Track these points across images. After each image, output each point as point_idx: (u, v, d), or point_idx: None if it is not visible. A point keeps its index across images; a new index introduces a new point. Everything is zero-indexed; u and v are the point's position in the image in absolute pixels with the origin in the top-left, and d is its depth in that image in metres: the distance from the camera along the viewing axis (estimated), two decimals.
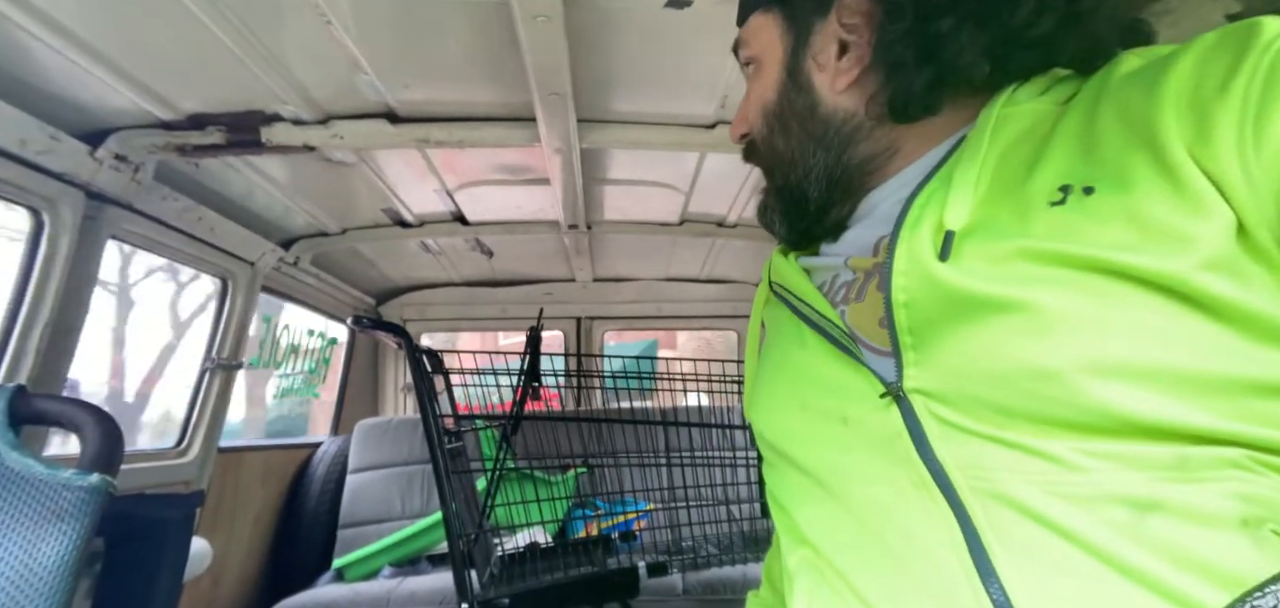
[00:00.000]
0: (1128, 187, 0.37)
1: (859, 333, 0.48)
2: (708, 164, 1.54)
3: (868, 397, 0.45)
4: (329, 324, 2.31)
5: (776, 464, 0.56)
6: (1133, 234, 0.36)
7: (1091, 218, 0.38)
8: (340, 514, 2.10)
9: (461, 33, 0.98)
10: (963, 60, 0.47)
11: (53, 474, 0.79)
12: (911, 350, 0.43)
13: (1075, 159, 0.40)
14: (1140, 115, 0.38)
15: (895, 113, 0.51)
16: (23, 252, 1.10)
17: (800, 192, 0.57)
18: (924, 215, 0.45)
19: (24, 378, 1.08)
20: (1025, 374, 0.37)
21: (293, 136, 1.20)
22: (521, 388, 1.44)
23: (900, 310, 0.43)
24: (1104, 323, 0.36)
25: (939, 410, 0.41)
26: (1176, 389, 0.35)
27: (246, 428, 3.51)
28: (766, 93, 0.58)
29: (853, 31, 0.53)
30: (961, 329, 0.40)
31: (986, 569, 0.37)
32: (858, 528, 0.45)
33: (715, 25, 0.97)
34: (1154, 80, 0.38)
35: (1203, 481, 0.34)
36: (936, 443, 0.41)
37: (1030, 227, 0.40)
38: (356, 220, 1.81)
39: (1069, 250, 0.37)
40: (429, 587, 1.72)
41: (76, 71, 0.98)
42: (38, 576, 0.75)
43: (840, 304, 0.51)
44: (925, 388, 0.42)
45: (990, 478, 0.38)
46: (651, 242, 2.11)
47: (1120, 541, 0.34)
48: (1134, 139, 0.38)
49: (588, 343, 2.60)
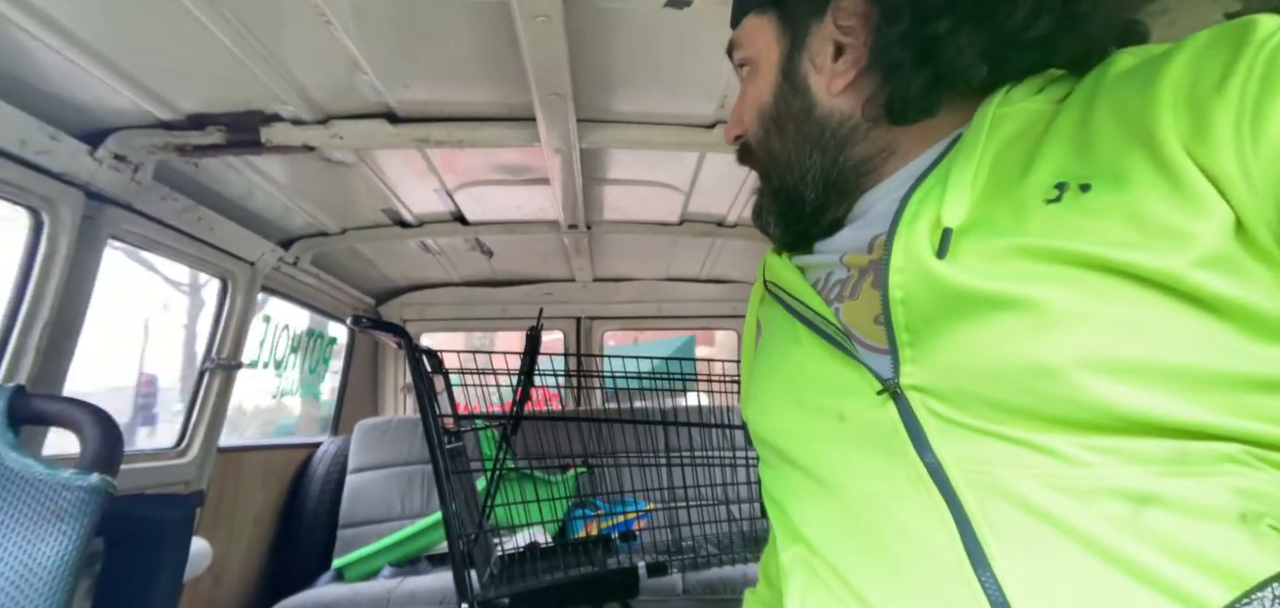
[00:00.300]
0: (1124, 184, 0.37)
1: (854, 330, 0.48)
2: (707, 164, 1.54)
3: (864, 393, 0.45)
4: (299, 314, 2.20)
5: (772, 462, 0.56)
6: (1130, 231, 0.36)
7: (1088, 214, 0.38)
8: (340, 514, 2.10)
9: (461, 33, 0.98)
10: (960, 62, 0.47)
11: (52, 474, 0.79)
12: (908, 347, 0.43)
13: (1071, 157, 0.40)
14: (1136, 113, 0.38)
15: (892, 115, 0.51)
16: (22, 251, 1.10)
17: (796, 194, 0.57)
18: (921, 213, 0.45)
19: (23, 378, 1.08)
20: (1023, 371, 0.37)
21: (292, 136, 1.20)
22: (521, 388, 1.44)
23: (897, 307, 0.43)
24: (1102, 320, 0.36)
25: (936, 407, 0.41)
26: (1175, 385, 0.35)
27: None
28: (762, 95, 0.58)
29: (849, 33, 0.53)
30: (959, 326, 0.40)
31: (981, 561, 0.37)
32: (853, 524, 0.45)
33: (715, 25, 0.97)
34: (1150, 78, 0.38)
35: (1201, 475, 0.34)
36: (934, 438, 0.41)
37: (1027, 224, 0.40)
38: (356, 220, 1.81)
39: (1067, 247, 0.37)
40: (429, 587, 1.72)
41: (76, 71, 0.98)
42: (37, 575, 0.75)
43: (835, 302, 0.52)
44: (922, 385, 0.42)
45: (987, 472, 0.39)
46: (651, 242, 2.11)
47: (1117, 534, 0.34)
48: (1130, 136, 0.38)
49: (588, 343, 2.60)
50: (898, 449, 0.42)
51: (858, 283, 0.50)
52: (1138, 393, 0.35)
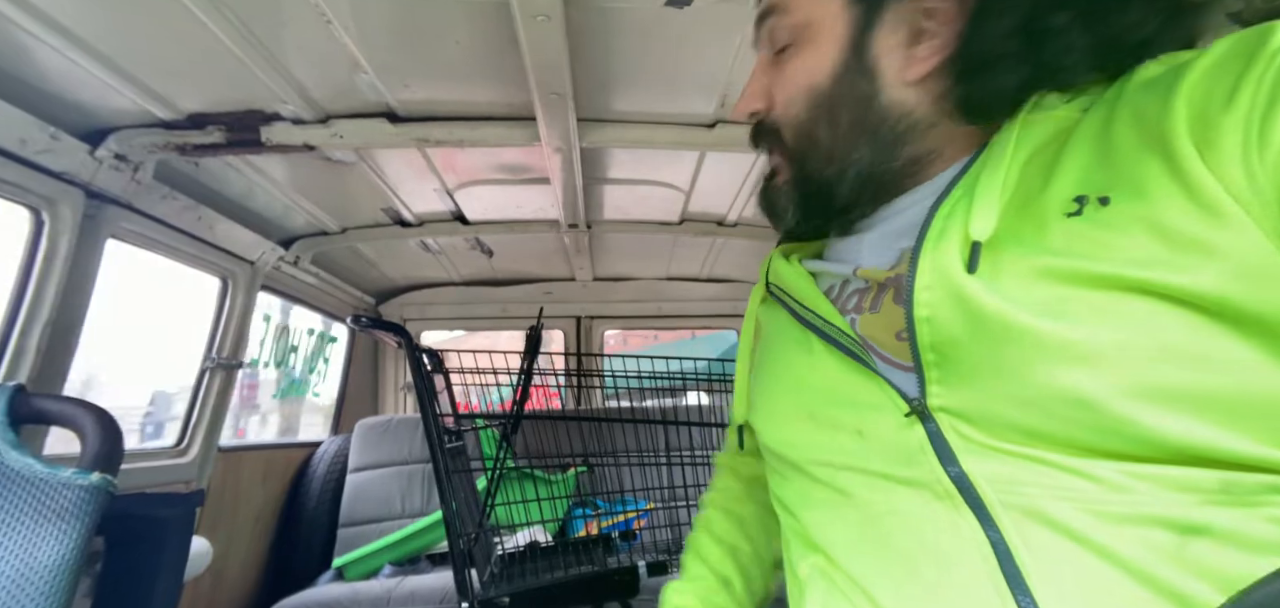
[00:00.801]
0: (1144, 194, 0.36)
1: (874, 344, 0.46)
2: (708, 163, 1.54)
3: (885, 409, 0.43)
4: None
5: (781, 470, 0.55)
6: (1154, 244, 0.35)
7: (1109, 228, 0.36)
8: (340, 513, 2.10)
9: (461, 32, 0.98)
10: (1067, 61, 0.43)
11: (53, 473, 0.79)
12: (934, 368, 0.41)
13: (1091, 167, 0.39)
14: (1155, 122, 0.37)
15: (972, 112, 0.46)
16: (22, 251, 1.10)
17: (829, 189, 0.52)
18: (948, 228, 0.43)
19: (24, 377, 1.08)
20: (1058, 400, 0.36)
21: (292, 136, 1.20)
22: (521, 387, 1.44)
23: (922, 326, 0.41)
24: (1139, 346, 0.35)
25: (966, 430, 0.40)
26: (1217, 414, 0.34)
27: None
28: (815, 74, 0.51)
29: (933, 17, 0.47)
30: (989, 350, 0.39)
31: (1019, 585, 0.36)
32: (876, 538, 0.43)
33: (715, 24, 0.97)
34: (1169, 87, 0.37)
35: (1249, 506, 0.33)
36: (964, 458, 0.39)
37: (1048, 240, 0.38)
38: (356, 220, 1.81)
39: (1095, 269, 0.36)
40: (429, 586, 1.72)
41: (76, 71, 0.98)
42: (38, 575, 0.75)
43: (850, 312, 0.49)
44: (951, 406, 0.40)
45: (1023, 493, 0.37)
46: (651, 241, 2.11)
47: (1163, 563, 0.33)
48: (1149, 146, 0.37)
49: (588, 342, 2.60)
50: (924, 467, 0.41)
51: (878, 296, 0.48)
52: (1179, 422, 0.34)
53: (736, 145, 1.31)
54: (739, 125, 1.26)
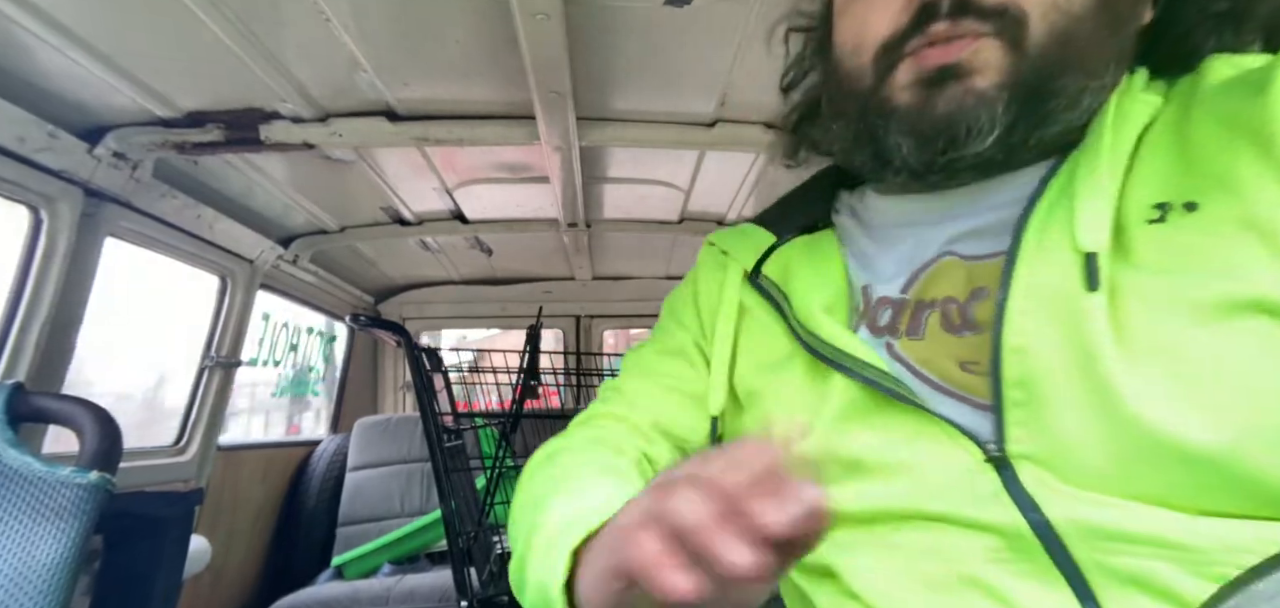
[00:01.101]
0: (1238, 193, 0.33)
1: (926, 372, 0.40)
2: (708, 162, 1.53)
3: (943, 448, 0.37)
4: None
5: None
6: (1253, 244, 0.31)
7: (1203, 234, 0.33)
8: (340, 512, 2.10)
9: (461, 31, 0.98)
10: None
11: (51, 472, 0.79)
12: (1019, 408, 0.35)
13: (1171, 173, 0.35)
14: (1246, 119, 0.34)
15: (1161, 63, 0.39)
16: (21, 249, 1.09)
17: (1053, 108, 0.39)
18: (1047, 233, 0.36)
19: (22, 375, 1.08)
20: (1175, 458, 0.31)
21: (292, 134, 1.19)
22: (521, 386, 1.44)
23: (1010, 357, 0.35)
24: (1265, 382, 0.30)
25: (1052, 481, 0.34)
26: None
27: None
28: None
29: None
30: (1093, 391, 0.33)
31: None
32: (929, 586, 0.37)
33: (715, 23, 0.96)
34: (1262, 83, 0.34)
35: None
36: (1049, 508, 0.34)
37: (1139, 254, 0.34)
38: (356, 218, 1.81)
39: (1200, 294, 0.32)
40: (429, 584, 1.72)
41: (75, 69, 0.98)
42: (36, 573, 0.75)
43: (884, 332, 0.42)
44: (1034, 454, 0.35)
45: (1123, 553, 0.32)
46: (651, 240, 2.11)
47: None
48: (1240, 145, 0.33)
49: (587, 341, 2.60)
50: (997, 514, 0.35)
51: (920, 316, 0.41)
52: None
53: (736, 145, 1.31)
54: (739, 124, 1.26)
